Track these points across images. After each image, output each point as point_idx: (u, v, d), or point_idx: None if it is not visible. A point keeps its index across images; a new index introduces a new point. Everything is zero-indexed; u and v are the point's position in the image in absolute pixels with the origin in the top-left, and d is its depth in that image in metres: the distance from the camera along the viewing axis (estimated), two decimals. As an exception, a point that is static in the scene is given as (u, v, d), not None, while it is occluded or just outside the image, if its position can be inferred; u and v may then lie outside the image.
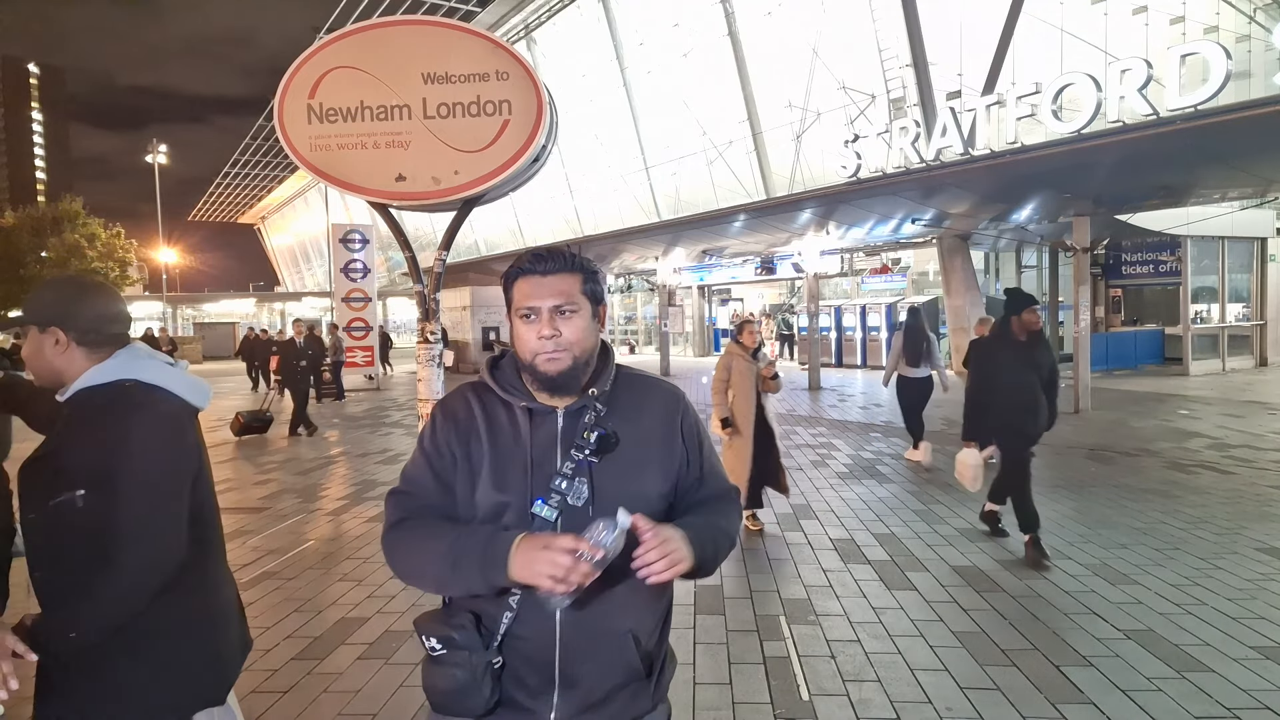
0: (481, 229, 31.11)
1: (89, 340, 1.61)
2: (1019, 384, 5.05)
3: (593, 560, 1.18)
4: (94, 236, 37.04)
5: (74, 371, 1.60)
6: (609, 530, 1.19)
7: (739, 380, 5.70)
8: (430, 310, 4.97)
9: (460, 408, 1.45)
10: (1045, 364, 5.10)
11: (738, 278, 25.84)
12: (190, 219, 59.01)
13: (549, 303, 1.36)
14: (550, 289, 1.37)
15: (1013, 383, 5.06)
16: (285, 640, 3.90)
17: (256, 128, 38.12)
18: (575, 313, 1.38)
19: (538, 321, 1.36)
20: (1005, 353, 5.13)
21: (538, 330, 1.36)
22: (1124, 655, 3.57)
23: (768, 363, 5.76)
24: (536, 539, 1.23)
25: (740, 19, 19.06)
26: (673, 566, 1.22)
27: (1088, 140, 11.02)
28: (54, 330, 1.60)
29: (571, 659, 1.32)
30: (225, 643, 1.70)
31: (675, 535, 1.25)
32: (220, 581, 1.75)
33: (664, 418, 1.45)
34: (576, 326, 1.37)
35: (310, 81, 4.52)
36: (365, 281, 18.15)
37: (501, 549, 1.24)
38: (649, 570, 1.21)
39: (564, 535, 1.21)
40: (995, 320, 5.61)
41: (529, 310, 1.37)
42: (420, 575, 1.36)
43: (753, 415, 5.65)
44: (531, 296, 1.37)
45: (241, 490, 7.67)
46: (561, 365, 1.36)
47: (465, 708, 1.32)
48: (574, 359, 1.37)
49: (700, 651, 3.67)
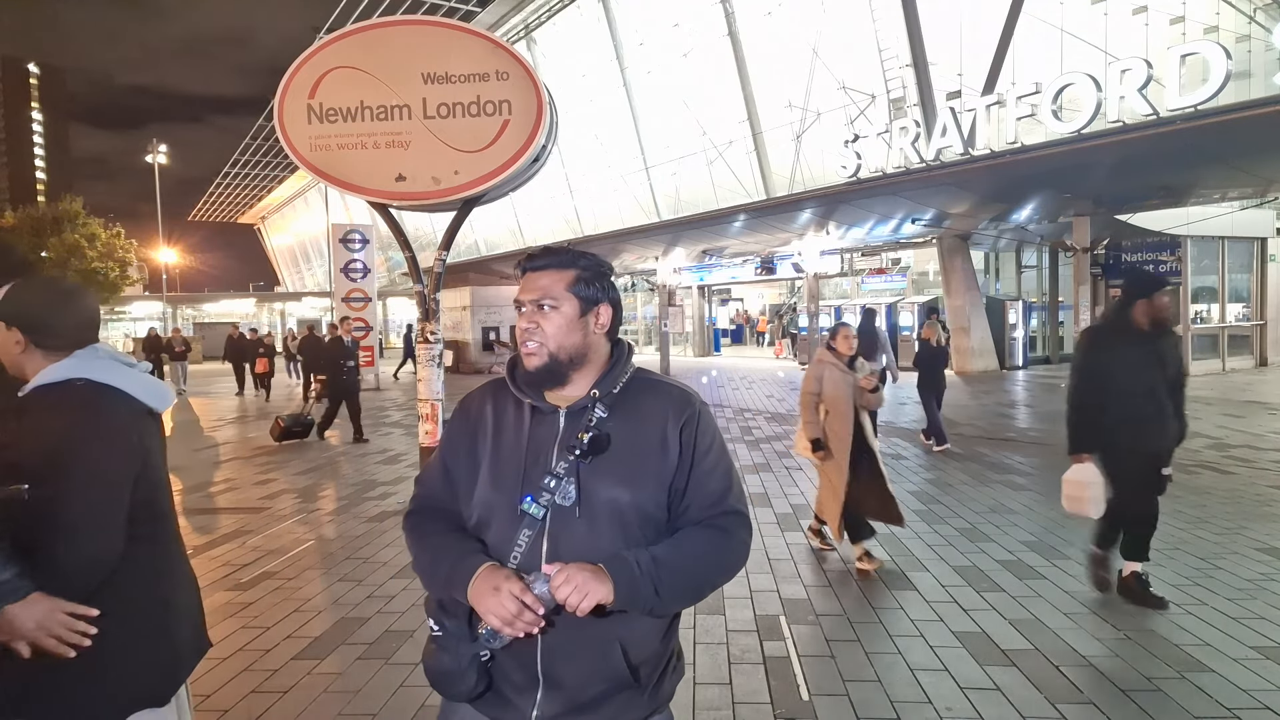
0: (481, 229, 31.11)
1: (48, 344, 1.66)
2: (1141, 387, 4.01)
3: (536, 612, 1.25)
4: (94, 236, 37.01)
5: (33, 370, 1.66)
6: (540, 582, 1.26)
7: (833, 394, 4.87)
8: (430, 310, 4.97)
9: (474, 404, 1.51)
10: (1172, 362, 4.10)
11: (738, 278, 25.84)
12: (190, 219, 59.05)
13: (530, 297, 1.42)
14: (534, 284, 1.42)
15: (1133, 385, 4.01)
16: (285, 640, 3.89)
17: (257, 128, 38.14)
18: (555, 309, 1.40)
19: (521, 316, 1.43)
20: (1124, 346, 4.06)
21: (521, 323, 1.42)
22: (1124, 655, 3.57)
23: (867, 373, 4.95)
24: (493, 575, 1.28)
25: (740, 19, 19.05)
26: (584, 594, 1.23)
27: (1088, 140, 11.02)
28: (14, 330, 1.66)
29: (553, 659, 1.34)
30: (172, 644, 1.70)
31: (585, 569, 1.26)
32: (173, 582, 1.75)
33: (663, 424, 1.41)
34: (554, 323, 1.40)
35: (310, 81, 4.52)
36: (365, 281, 18.16)
37: (463, 575, 1.31)
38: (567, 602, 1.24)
39: (514, 581, 1.26)
40: (1110, 306, 4.70)
41: (518, 303, 1.44)
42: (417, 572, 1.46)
43: (850, 436, 4.84)
44: (520, 291, 1.44)
45: (241, 490, 7.67)
46: (537, 361, 1.39)
47: (453, 691, 1.37)
48: (550, 355, 1.39)
49: (700, 651, 3.67)
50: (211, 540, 5.79)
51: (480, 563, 1.32)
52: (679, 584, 1.32)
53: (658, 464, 1.39)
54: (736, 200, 19.17)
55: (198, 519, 6.53)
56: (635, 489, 1.37)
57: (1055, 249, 19.39)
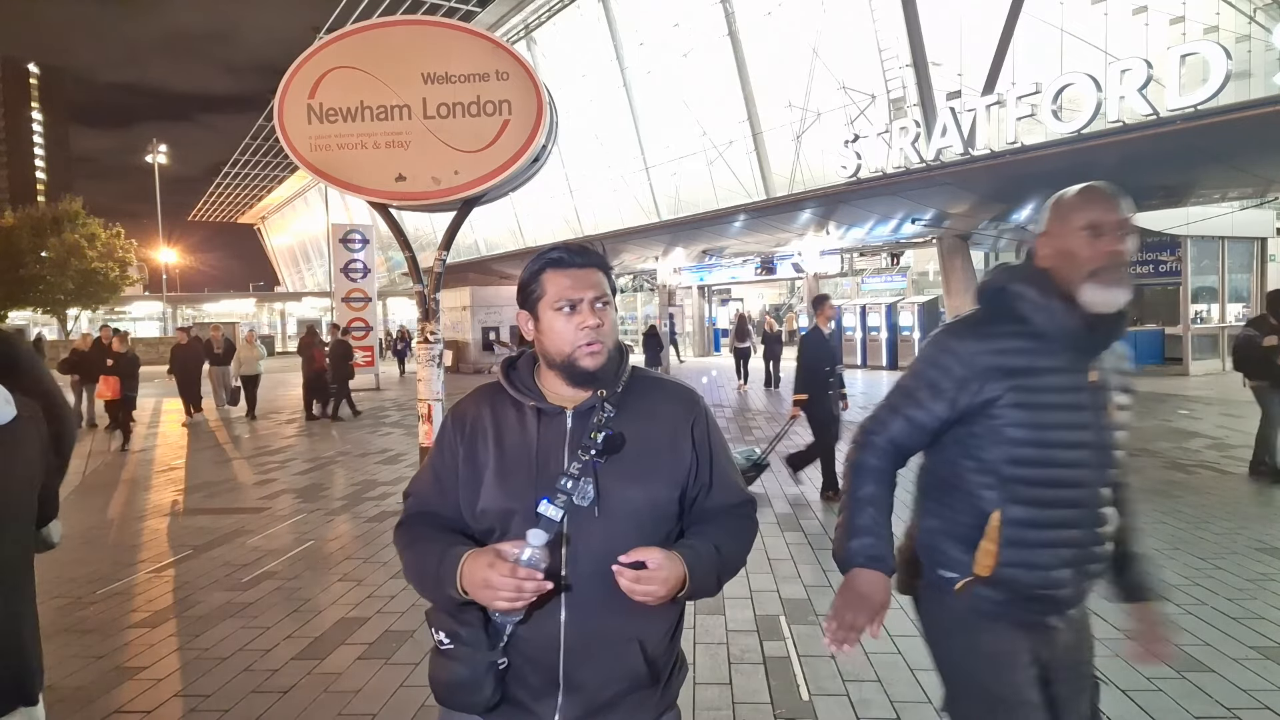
0: (481, 229, 31.10)
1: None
2: None
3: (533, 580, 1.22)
4: (94, 236, 36.98)
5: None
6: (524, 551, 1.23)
7: None
8: (430, 310, 4.97)
9: (469, 410, 1.46)
10: None
11: (738, 278, 25.83)
12: (190, 219, 59.09)
13: (590, 294, 1.37)
14: (588, 281, 1.38)
15: None
16: (285, 640, 3.89)
17: (257, 127, 38.13)
18: (608, 305, 1.40)
19: (578, 313, 1.36)
20: None
21: (579, 322, 1.36)
22: (1124, 655, 3.57)
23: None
24: (481, 557, 1.26)
25: (740, 19, 19.05)
26: (666, 590, 1.25)
27: (1087, 140, 11.02)
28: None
29: (575, 662, 1.32)
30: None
31: (673, 560, 1.28)
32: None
33: (673, 422, 1.42)
34: (610, 320, 1.39)
35: (310, 81, 4.52)
36: (365, 281, 18.16)
37: (451, 568, 1.30)
38: (648, 596, 1.24)
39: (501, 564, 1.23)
40: None
41: (571, 302, 1.36)
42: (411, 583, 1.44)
43: None
44: (573, 288, 1.37)
45: (241, 490, 7.67)
46: (602, 358, 1.37)
47: (467, 703, 1.32)
48: (608, 351, 1.39)
49: (700, 651, 3.67)
50: (211, 540, 5.79)
51: (461, 554, 1.30)
52: (729, 573, 1.41)
53: (670, 462, 1.40)
54: (736, 200, 19.18)
55: (198, 519, 6.53)
56: (649, 487, 1.37)
57: (1055, 249, 19.37)
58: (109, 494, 7.75)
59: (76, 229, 36.50)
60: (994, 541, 1.60)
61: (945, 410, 1.64)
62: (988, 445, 1.61)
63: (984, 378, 1.59)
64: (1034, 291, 1.61)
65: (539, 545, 1.24)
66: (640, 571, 1.24)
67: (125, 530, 6.24)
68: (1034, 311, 1.60)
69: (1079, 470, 1.60)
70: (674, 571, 1.26)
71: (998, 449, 1.60)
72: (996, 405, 1.59)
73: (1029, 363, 1.59)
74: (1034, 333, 1.60)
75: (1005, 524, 1.60)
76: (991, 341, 1.61)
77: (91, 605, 4.47)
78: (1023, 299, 1.62)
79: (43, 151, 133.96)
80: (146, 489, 7.91)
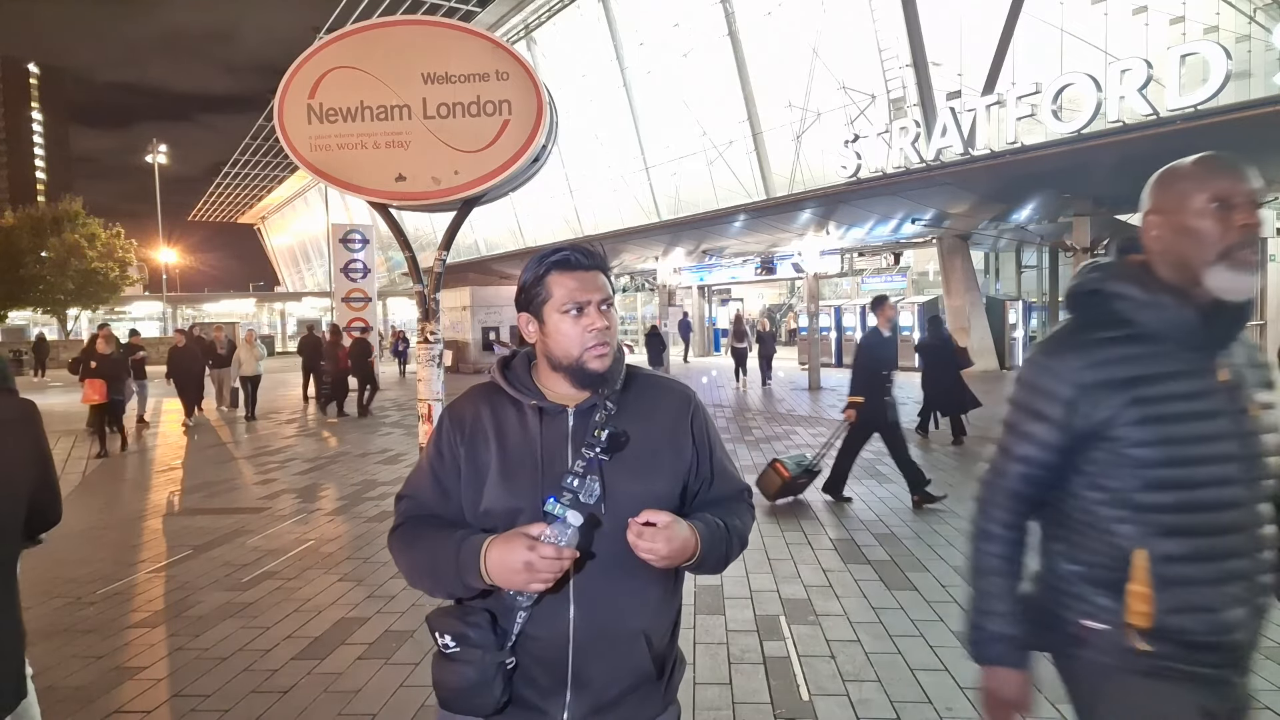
0: (481, 229, 31.11)
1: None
2: None
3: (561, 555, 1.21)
4: (94, 236, 36.99)
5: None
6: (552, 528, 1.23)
7: None
8: (430, 310, 4.97)
9: (467, 411, 1.45)
10: None
11: (738, 278, 25.84)
12: (190, 219, 59.09)
13: (596, 296, 1.37)
14: (594, 284, 1.38)
15: None
16: (285, 640, 3.89)
17: (257, 127, 38.13)
18: (611, 306, 1.41)
19: (586, 316, 1.36)
20: None
21: (587, 324, 1.36)
22: None
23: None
24: (514, 540, 1.24)
25: (740, 19, 19.05)
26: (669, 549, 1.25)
27: (1088, 140, 11.03)
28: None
29: (584, 659, 1.32)
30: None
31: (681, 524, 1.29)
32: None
33: (673, 418, 1.44)
34: (615, 321, 1.40)
35: (310, 81, 4.52)
36: (365, 281, 18.16)
37: (472, 554, 1.27)
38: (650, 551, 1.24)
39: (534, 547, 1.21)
40: None
41: (579, 305, 1.36)
42: (416, 581, 1.41)
43: None
44: (581, 291, 1.36)
45: (241, 490, 7.67)
46: (609, 360, 1.38)
47: (474, 706, 1.31)
48: (614, 353, 1.40)
49: (700, 651, 3.67)
50: (211, 540, 5.79)
51: (482, 541, 1.28)
52: (736, 550, 1.44)
53: (671, 457, 1.41)
54: (736, 200, 19.18)
55: (198, 519, 6.53)
56: (652, 483, 1.38)
57: (1055, 249, 19.37)
58: (109, 494, 7.75)
59: (76, 229, 36.51)
60: (1144, 584, 1.33)
61: (1060, 437, 1.40)
62: (1113, 472, 1.36)
63: (1094, 396, 1.35)
64: (1135, 288, 1.39)
65: (577, 525, 1.24)
66: (645, 527, 1.25)
67: (125, 530, 6.24)
68: (1138, 310, 1.37)
69: (1228, 488, 1.33)
70: (679, 532, 1.27)
71: (1126, 475, 1.35)
72: (1116, 425, 1.34)
73: (1144, 370, 1.35)
74: (1143, 335, 1.37)
75: (1155, 561, 1.33)
76: (1094, 352, 1.38)
77: (91, 605, 4.47)
78: (1122, 298, 1.40)
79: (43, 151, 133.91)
80: (146, 489, 7.92)
